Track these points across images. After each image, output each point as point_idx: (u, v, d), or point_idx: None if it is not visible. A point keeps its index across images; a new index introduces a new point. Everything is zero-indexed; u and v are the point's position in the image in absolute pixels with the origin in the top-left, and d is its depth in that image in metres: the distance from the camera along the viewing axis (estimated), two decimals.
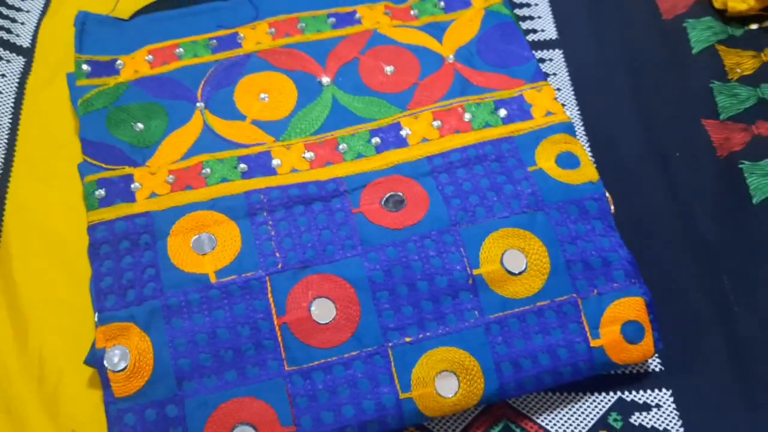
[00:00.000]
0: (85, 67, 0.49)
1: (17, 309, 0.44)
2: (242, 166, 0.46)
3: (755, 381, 0.43)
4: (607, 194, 0.46)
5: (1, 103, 0.52)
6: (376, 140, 0.47)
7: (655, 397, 0.43)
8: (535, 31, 0.56)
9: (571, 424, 0.42)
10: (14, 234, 0.47)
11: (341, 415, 0.39)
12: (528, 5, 0.58)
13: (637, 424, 0.42)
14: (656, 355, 0.44)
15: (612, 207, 0.45)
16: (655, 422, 0.42)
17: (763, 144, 0.51)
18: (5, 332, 0.44)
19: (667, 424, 0.42)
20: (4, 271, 0.46)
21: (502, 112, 0.48)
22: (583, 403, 0.43)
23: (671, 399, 0.43)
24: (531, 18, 0.57)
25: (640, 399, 0.43)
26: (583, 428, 0.42)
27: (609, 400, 0.43)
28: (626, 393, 0.43)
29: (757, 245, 0.47)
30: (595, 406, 0.43)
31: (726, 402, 0.43)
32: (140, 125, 0.47)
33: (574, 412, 0.43)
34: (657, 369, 0.44)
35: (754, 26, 0.56)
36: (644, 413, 0.43)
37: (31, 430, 0.41)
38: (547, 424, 0.42)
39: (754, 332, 0.44)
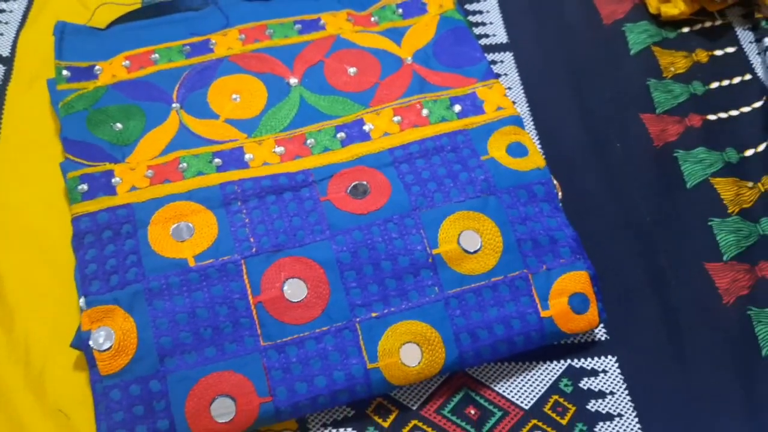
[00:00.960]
0: (65, 72, 0.52)
1: (2, 299, 0.47)
2: (217, 160, 0.49)
3: (688, 345, 0.47)
4: (555, 182, 0.50)
5: None
6: (341, 135, 0.51)
7: (601, 364, 0.47)
8: (487, 36, 0.61)
9: (525, 390, 0.46)
10: None
11: (314, 386, 0.43)
12: (480, 12, 0.63)
13: (585, 388, 0.46)
14: (601, 324, 0.48)
15: (560, 193, 0.50)
16: (602, 386, 0.46)
17: (695, 134, 0.56)
18: None
19: (613, 387, 0.46)
20: None
21: (457, 108, 0.52)
22: (536, 371, 0.47)
23: (616, 365, 0.47)
24: (483, 24, 0.62)
25: (588, 365, 0.47)
26: (537, 393, 0.46)
27: (560, 368, 0.47)
28: (575, 360, 0.47)
29: (690, 225, 0.52)
30: (548, 374, 0.47)
31: (664, 365, 0.47)
32: (119, 125, 0.50)
33: (529, 379, 0.47)
34: (603, 338, 0.48)
35: (685, 29, 0.62)
36: (592, 378, 0.46)
37: (18, 411, 0.44)
38: (503, 391, 0.46)
39: (687, 302, 0.49)
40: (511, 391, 0.46)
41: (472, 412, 0.45)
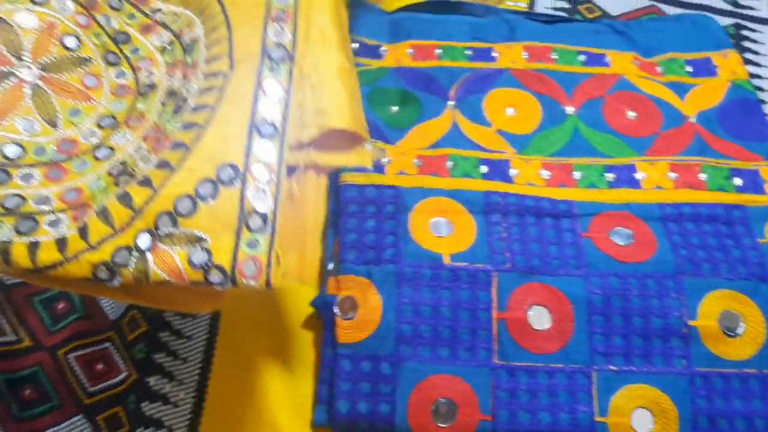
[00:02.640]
0: (354, 45, 0.54)
1: None
2: (483, 167, 0.49)
3: None
4: None
5: None
6: (610, 175, 0.49)
7: None
8: None
9: None
10: None
11: (537, 420, 0.41)
12: (762, 89, 0.59)
13: None
14: None
15: None
16: None
17: None
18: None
19: None
20: None
21: (737, 181, 0.49)
22: None
23: None
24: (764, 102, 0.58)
25: None
26: None
27: None
28: None
29: None
30: None
31: None
32: (395, 108, 0.51)
33: None
34: None
35: None
36: None
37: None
38: None
39: None
40: None
41: None
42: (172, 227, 0.33)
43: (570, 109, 0.52)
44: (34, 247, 0.33)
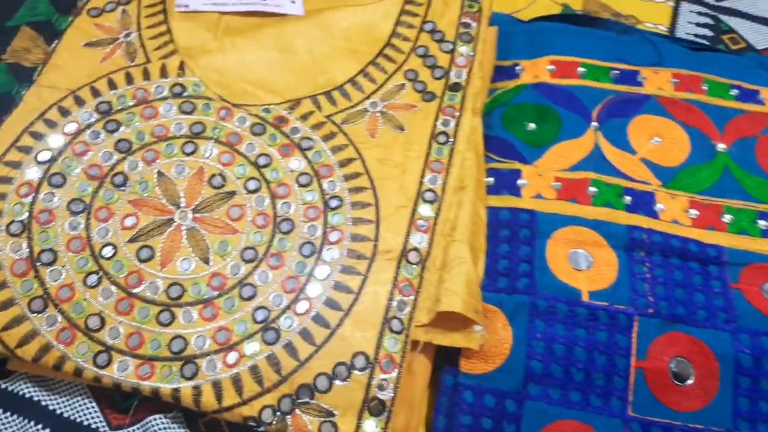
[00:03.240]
0: None
1: None
2: (627, 198, 0.45)
3: None
4: None
5: None
6: (763, 223, 0.45)
7: None
8: None
9: None
10: None
11: None
12: None
13: None
14: None
15: None
16: None
17: None
18: None
19: None
20: None
21: None
22: None
23: None
24: None
25: None
26: None
27: None
28: None
29: None
30: None
31: None
32: (533, 125, 0.48)
33: None
34: None
35: None
36: None
37: None
38: None
39: None
40: None
41: None
42: (309, 398, 0.37)
43: (721, 146, 0.48)
44: (197, 393, 0.38)
